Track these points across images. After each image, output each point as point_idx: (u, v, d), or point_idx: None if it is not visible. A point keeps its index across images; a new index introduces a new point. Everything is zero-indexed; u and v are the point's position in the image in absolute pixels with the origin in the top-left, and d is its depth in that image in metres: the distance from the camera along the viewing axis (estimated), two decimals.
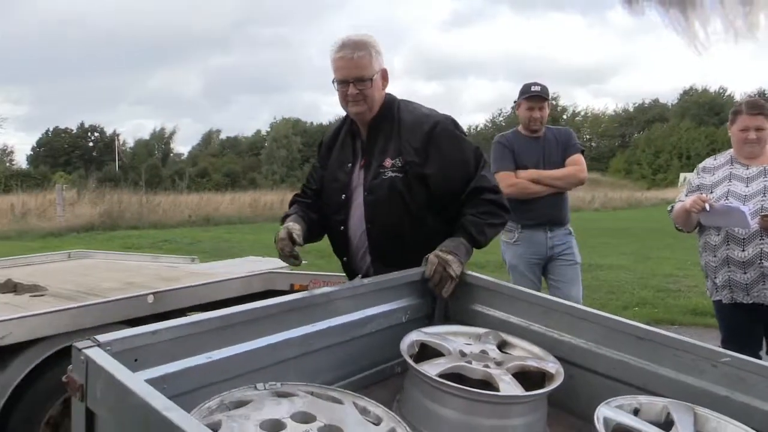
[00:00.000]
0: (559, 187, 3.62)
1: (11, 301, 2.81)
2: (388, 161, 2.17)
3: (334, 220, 2.27)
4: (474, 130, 58.21)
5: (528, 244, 3.61)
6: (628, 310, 6.02)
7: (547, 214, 3.60)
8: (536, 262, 3.64)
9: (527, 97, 3.65)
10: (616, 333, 1.71)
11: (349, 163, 2.26)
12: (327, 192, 2.30)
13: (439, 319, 2.05)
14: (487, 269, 8.32)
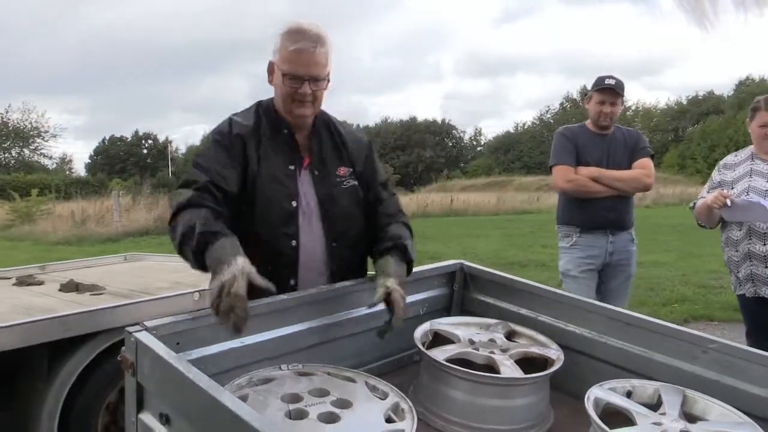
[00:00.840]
0: (621, 190, 3.34)
1: (74, 299, 3.11)
2: (342, 170, 1.98)
3: (281, 234, 1.87)
4: (521, 128, 57.74)
5: (586, 248, 3.37)
6: (667, 307, 6.01)
7: (608, 217, 3.34)
8: (593, 268, 3.38)
9: (599, 89, 3.38)
10: (615, 322, 1.85)
11: (291, 166, 1.92)
12: (265, 198, 1.86)
13: (455, 311, 2.21)
14: (529, 268, 8.41)
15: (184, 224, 1.65)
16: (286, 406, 1.38)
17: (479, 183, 40.62)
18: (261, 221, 1.85)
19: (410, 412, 1.43)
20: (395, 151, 57.35)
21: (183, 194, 1.76)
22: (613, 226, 3.36)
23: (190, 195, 1.73)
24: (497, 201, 24.56)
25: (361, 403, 1.44)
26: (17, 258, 10.54)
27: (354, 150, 2.03)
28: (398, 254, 1.87)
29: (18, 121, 40.01)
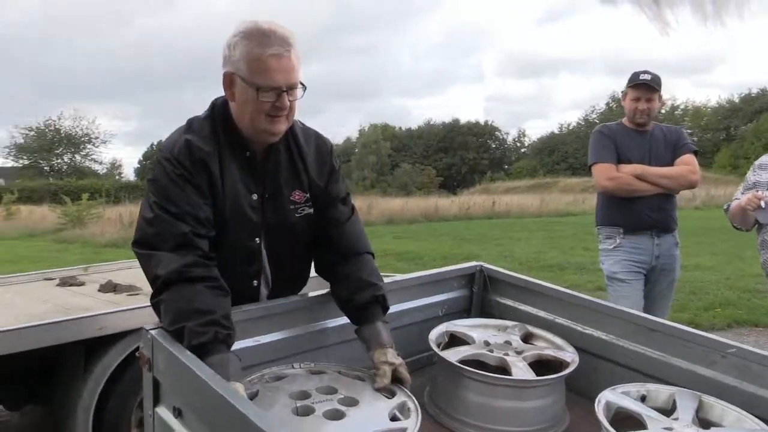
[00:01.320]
0: (667, 187, 3.22)
1: (111, 299, 3.23)
2: (298, 194, 1.74)
3: (244, 274, 1.71)
4: (566, 129, 56.90)
5: (631, 251, 3.24)
6: (710, 312, 5.85)
7: (653, 218, 3.22)
8: (640, 271, 3.25)
9: (634, 85, 3.25)
10: (633, 326, 1.83)
11: (254, 195, 1.68)
12: (231, 236, 1.65)
13: (475, 313, 2.22)
14: (567, 271, 8.29)
15: (172, 314, 1.44)
16: (293, 403, 1.42)
17: (523, 185, 40.16)
18: (224, 261, 1.61)
19: (416, 411, 1.45)
20: (438, 154, 57.21)
21: (162, 262, 1.49)
22: (658, 228, 3.25)
23: (172, 268, 1.47)
24: (540, 203, 24.25)
25: (367, 401, 1.47)
26: (66, 260, 10.94)
27: (314, 168, 1.77)
28: (382, 311, 1.70)
29: (70, 127, 41.61)
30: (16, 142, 40.19)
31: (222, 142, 1.65)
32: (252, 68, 1.55)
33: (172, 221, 1.53)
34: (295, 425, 1.34)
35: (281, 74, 1.57)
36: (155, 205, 1.56)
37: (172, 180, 1.57)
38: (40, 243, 16.11)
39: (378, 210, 21.03)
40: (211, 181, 1.60)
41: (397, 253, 11.09)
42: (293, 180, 1.74)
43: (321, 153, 1.82)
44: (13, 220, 20.08)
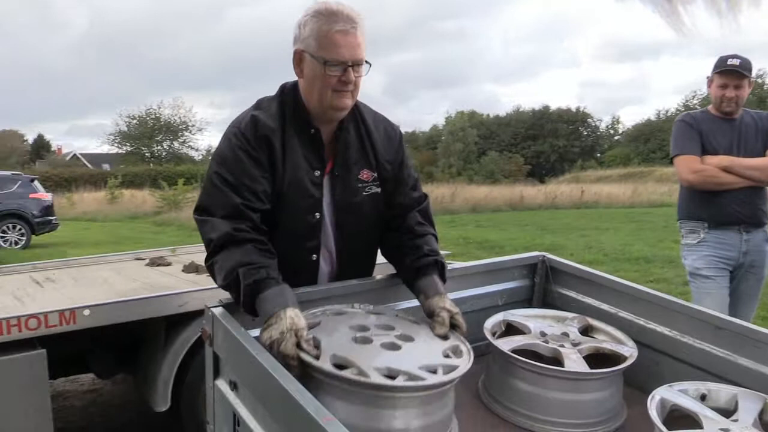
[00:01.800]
0: (757, 180, 3.02)
1: (192, 279, 3.43)
2: (366, 173, 1.79)
3: (303, 248, 1.75)
4: (664, 115, 54.15)
5: (717, 246, 3.08)
6: None
7: (741, 212, 3.04)
8: (725, 267, 3.09)
9: (720, 71, 3.06)
10: (699, 323, 1.77)
11: (317, 171, 1.73)
12: (290, 210, 1.71)
13: (536, 304, 2.20)
14: (654, 264, 7.97)
15: (226, 271, 1.54)
16: (353, 333, 1.51)
17: (615, 174, 38.61)
18: (283, 234, 1.70)
19: (468, 354, 1.51)
20: (526, 141, 55.96)
21: (215, 227, 1.59)
22: (747, 222, 3.05)
23: (224, 231, 1.56)
24: (632, 193, 23.28)
25: (422, 339, 1.55)
26: (162, 241, 11.61)
27: (383, 150, 1.83)
28: (438, 273, 1.74)
29: (169, 116, 43.73)
30: (120, 130, 42.80)
31: (288, 120, 1.72)
32: (320, 44, 1.63)
33: (227, 192, 1.62)
34: (354, 351, 1.42)
35: (347, 49, 1.63)
36: (215, 176, 1.66)
37: (234, 152, 1.67)
38: (140, 225, 17.16)
39: (462, 198, 20.90)
40: (272, 155, 1.67)
41: (477, 241, 11.02)
42: (362, 159, 1.79)
43: (390, 137, 1.87)
44: (116, 203, 21.50)
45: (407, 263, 1.77)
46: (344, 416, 1.26)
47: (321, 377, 1.36)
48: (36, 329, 2.39)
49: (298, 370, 1.37)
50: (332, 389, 1.36)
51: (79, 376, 4.03)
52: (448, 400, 1.48)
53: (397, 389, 1.34)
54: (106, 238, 13.44)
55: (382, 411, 1.35)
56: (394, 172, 1.85)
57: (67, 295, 3.03)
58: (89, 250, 10.71)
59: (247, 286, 1.48)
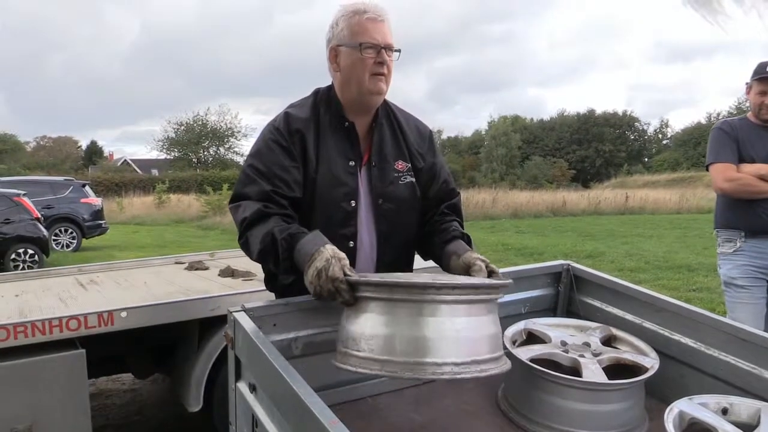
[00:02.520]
0: None
1: (227, 283, 3.52)
2: (401, 164, 1.90)
3: (340, 235, 1.81)
4: (715, 118, 52.65)
5: (753, 255, 3.06)
6: None
7: None
8: (762, 277, 3.05)
9: (759, 78, 3.05)
10: (725, 335, 1.73)
11: (352, 162, 1.83)
12: (325, 198, 1.80)
13: (560, 313, 2.19)
14: (698, 272, 7.78)
15: (260, 239, 1.64)
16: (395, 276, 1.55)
17: (663, 179, 37.70)
18: (319, 222, 1.77)
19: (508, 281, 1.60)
20: (571, 146, 55.15)
21: (246, 207, 1.70)
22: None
23: (256, 208, 1.68)
24: (680, 198, 22.70)
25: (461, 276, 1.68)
26: (205, 245, 11.86)
27: (415, 144, 1.95)
28: (460, 240, 1.87)
29: (215, 122, 44.64)
30: (168, 136, 43.94)
31: (321, 115, 1.85)
32: (353, 31, 1.78)
33: (258, 179, 1.74)
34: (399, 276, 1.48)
35: (379, 34, 1.78)
36: (248, 167, 1.79)
37: (267, 144, 1.80)
38: (185, 229, 17.58)
39: (503, 203, 20.73)
40: (305, 147, 1.79)
41: (516, 248, 10.92)
42: (396, 150, 1.91)
43: (421, 132, 2.00)
44: (163, 207, 22.08)
45: (435, 241, 1.91)
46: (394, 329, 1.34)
47: (369, 294, 1.42)
48: (76, 330, 2.50)
49: (348, 295, 1.46)
50: (380, 306, 1.41)
51: (121, 376, 4.17)
52: (495, 319, 1.51)
53: (444, 289, 1.37)
54: (152, 242, 13.83)
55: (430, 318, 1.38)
56: (427, 164, 1.96)
57: (108, 297, 3.15)
58: (135, 253, 11.04)
59: (284, 240, 1.60)
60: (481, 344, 1.44)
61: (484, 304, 1.47)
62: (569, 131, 56.23)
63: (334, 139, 1.83)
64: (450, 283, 1.40)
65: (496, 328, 1.52)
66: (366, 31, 1.77)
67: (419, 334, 1.38)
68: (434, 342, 1.37)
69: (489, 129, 57.63)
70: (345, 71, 1.81)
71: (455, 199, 2.02)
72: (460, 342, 1.40)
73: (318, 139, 1.81)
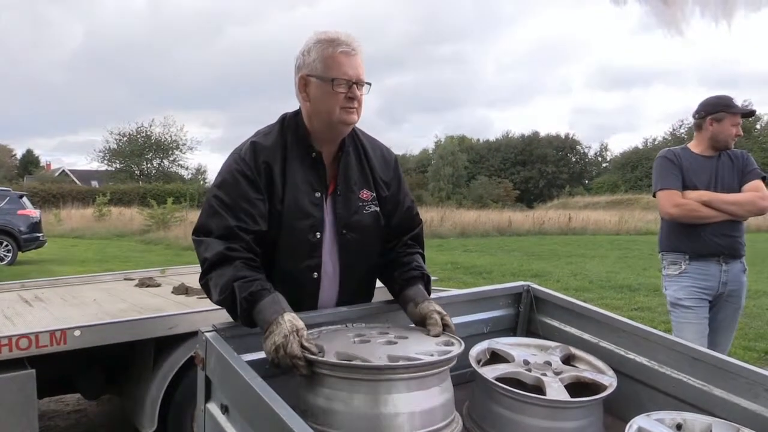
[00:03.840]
0: (734, 214, 3.17)
1: (182, 300, 3.46)
2: (366, 193, 1.90)
3: (304, 266, 1.81)
4: (651, 143, 54.81)
5: (698, 277, 3.20)
6: None
7: (720, 244, 3.17)
8: (705, 297, 3.20)
9: (735, 112, 3.24)
10: (677, 354, 1.82)
11: (317, 193, 1.83)
12: (290, 230, 1.78)
13: (520, 333, 2.25)
14: (639, 292, 8.06)
15: (220, 287, 1.62)
16: (353, 338, 1.62)
17: (603, 201, 38.96)
18: (284, 254, 1.78)
19: (458, 344, 1.63)
20: (515, 166, 56.41)
21: (209, 247, 1.68)
22: (726, 254, 3.19)
23: (218, 251, 1.65)
24: (619, 220, 23.50)
25: (416, 337, 1.68)
26: (149, 260, 11.56)
27: (381, 171, 1.95)
28: (424, 284, 1.89)
29: (160, 134, 43.70)
30: (110, 147, 42.72)
31: (289, 145, 1.82)
32: (326, 65, 1.76)
33: (222, 212, 1.72)
34: (355, 348, 1.54)
35: (351, 69, 1.77)
36: (213, 198, 1.76)
37: (232, 175, 1.76)
38: (128, 243, 17.09)
39: (451, 222, 21.00)
40: (271, 179, 1.77)
41: (465, 267, 11.08)
42: (361, 179, 1.90)
43: (386, 159, 2.00)
44: (104, 220, 21.42)
45: (395, 276, 1.91)
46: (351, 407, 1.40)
47: (327, 372, 1.46)
48: (27, 349, 2.42)
49: (306, 370, 1.47)
50: (338, 383, 1.46)
51: (64, 396, 4.02)
52: (448, 386, 1.59)
53: (399, 369, 1.44)
54: (92, 256, 13.38)
55: (386, 396, 1.45)
56: (391, 192, 1.97)
57: (57, 315, 3.06)
58: (75, 267, 10.66)
59: (244, 299, 1.57)
60: (435, 413, 1.54)
61: (437, 375, 1.54)
62: (514, 152, 57.54)
63: (301, 169, 1.82)
64: (405, 365, 1.47)
65: (449, 393, 1.61)
66: (339, 66, 1.75)
67: (376, 412, 1.45)
68: (390, 418, 1.46)
69: (436, 148, 58.41)
70: (315, 102, 1.80)
71: (417, 228, 2.03)
72: (416, 416, 1.49)
73: (285, 170, 1.79)
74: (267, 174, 1.77)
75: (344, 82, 1.76)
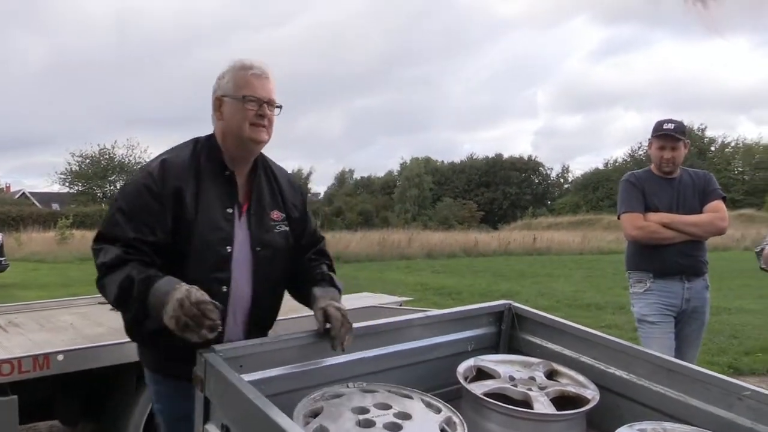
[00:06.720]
0: (694, 235, 3.28)
1: None
2: (277, 214, 2.01)
3: (213, 279, 1.84)
4: (611, 164, 56.14)
5: (662, 294, 3.31)
6: (750, 356, 5.75)
7: (682, 263, 3.29)
8: (670, 314, 3.31)
9: (658, 135, 3.36)
10: (655, 367, 1.91)
11: (229, 209, 1.90)
12: (201, 243, 1.82)
13: (503, 350, 2.32)
14: (605, 310, 8.24)
15: (118, 283, 1.67)
16: (356, 417, 1.59)
17: (565, 221, 39.70)
18: (194, 266, 1.81)
19: (461, 425, 1.62)
20: (480, 188, 57.07)
21: (107, 252, 1.73)
22: (688, 272, 3.31)
23: (116, 254, 1.71)
24: (582, 240, 23.97)
25: (419, 415, 1.65)
26: None
27: (289, 196, 2.07)
28: (325, 284, 2.01)
29: (123, 156, 43.00)
30: (71, 169, 41.85)
31: (202, 163, 1.90)
32: (238, 85, 1.89)
33: (123, 223, 1.77)
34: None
35: (262, 89, 1.91)
36: (116, 209, 1.82)
37: (137, 187, 1.83)
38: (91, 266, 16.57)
39: (418, 243, 21.12)
40: (180, 194, 1.82)
41: (435, 288, 11.17)
42: (272, 201, 2.02)
43: (293, 185, 2.13)
44: (66, 244, 20.89)
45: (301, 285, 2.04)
46: None
47: None
48: (9, 375, 2.39)
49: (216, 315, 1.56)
50: None
51: (38, 423, 3.93)
52: None
53: None
54: (55, 280, 13.06)
55: None
56: (299, 214, 2.09)
57: (36, 341, 3.01)
58: (38, 292, 10.39)
59: (140, 281, 1.64)
60: None
61: None
62: (478, 174, 58.23)
63: (215, 186, 1.89)
64: None
65: None
66: (250, 86, 1.88)
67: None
68: None
69: (402, 170, 58.78)
70: (227, 120, 1.91)
71: (320, 244, 2.18)
72: None
73: (198, 186, 1.86)
74: (175, 189, 1.81)
75: (255, 100, 1.88)
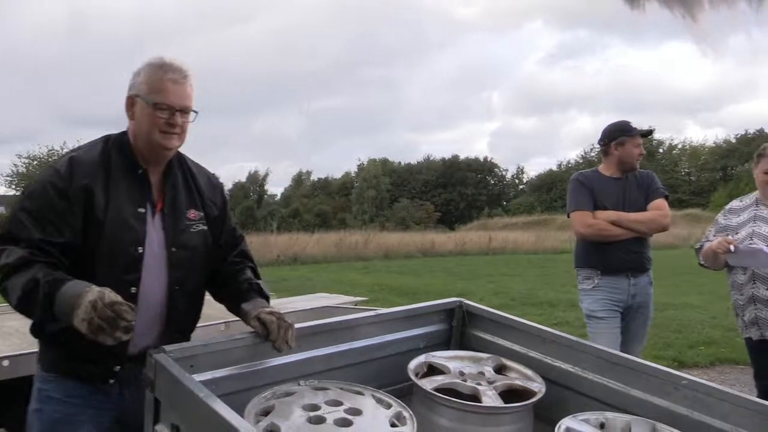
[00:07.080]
0: (640, 232, 3.43)
1: None
2: (194, 213, 1.95)
3: (122, 280, 1.75)
4: (564, 166, 57.36)
5: (610, 290, 3.43)
6: (694, 349, 5.98)
7: (628, 260, 3.42)
8: (617, 309, 3.44)
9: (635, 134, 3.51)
10: (599, 360, 1.98)
11: (141, 208, 1.84)
12: (111, 242, 1.76)
13: (454, 346, 2.37)
14: (558, 307, 8.43)
15: (21, 285, 1.59)
16: (307, 414, 1.60)
17: (520, 221, 40.35)
18: (101, 266, 1.75)
19: (411, 420, 1.64)
20: (437, 189, 57.56)
21: (11, 253, 1.64)
22: (633, 269, 3.44)
23: (20, 255, 1.63)
24: (536, 240, 24.43)
25: (369, 410, 1.67)
26: None
27: (207, 194, 2.01)
28: (255, 294, 1.95)
29: None
30: (18, 171, 40.49)
31: (112, 161, 1.84)
32: (151, 88, 1.82)
33: (28, 224, 1.69)
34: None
35: (176, 96, 1.83)
36: (21, 209, 1.74)
37: (44, 186, 1.76)
38: None
39: (375, 244, 21.17)
40: (90, 192, 1.75)
41: (392, 287, 11.23)
42: (189, 200, 1.96)
43: (213, 183, 2.08)
44: None
45: (228, 292, 2.00)
46: None
47: None
48: None
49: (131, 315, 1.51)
50: None
51: None
52: None
53: None
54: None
55: None
56: (219, 213, 2.04)
57: None
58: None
59: (47, 283, 1.56)
60: None
61: None
62: (435, 175, 58.73)
63: (126, 184, 1.83)
64: None
65: None
66: (163, 92, 1.81)
67: None
68: None
69: (359, 171, 58.82)
70: (138, 122, 1.86)
71: (241, 244, 2.12)
72: None
73: (108, 183, 1.80)
74: (83, 187, 1.75)
75: (167, 108, 1.82)
